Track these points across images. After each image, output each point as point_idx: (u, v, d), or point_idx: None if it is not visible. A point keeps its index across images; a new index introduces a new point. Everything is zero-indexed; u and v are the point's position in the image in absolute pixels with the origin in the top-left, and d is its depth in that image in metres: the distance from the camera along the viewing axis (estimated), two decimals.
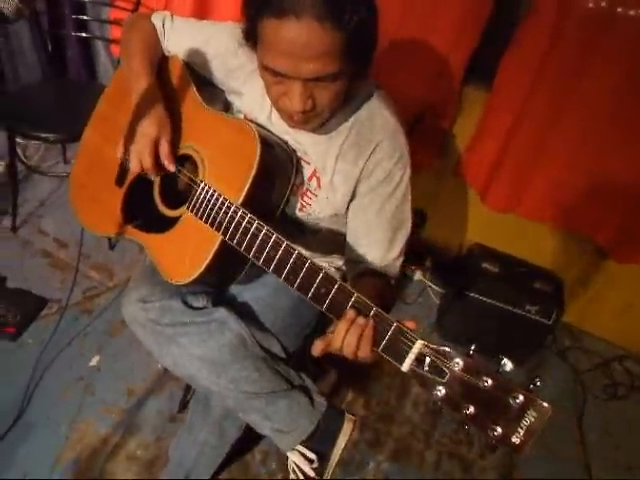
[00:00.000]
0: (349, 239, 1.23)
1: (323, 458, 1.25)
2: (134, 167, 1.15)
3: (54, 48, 2.43)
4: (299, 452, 1.25)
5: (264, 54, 0.98)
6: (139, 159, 1.14)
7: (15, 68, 2.81)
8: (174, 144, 1.19)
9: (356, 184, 1.17)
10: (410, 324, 0.87)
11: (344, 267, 1.39)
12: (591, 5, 1.67)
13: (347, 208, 1.22)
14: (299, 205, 1.24)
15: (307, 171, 1.20)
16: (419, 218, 2.31)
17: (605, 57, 1.72)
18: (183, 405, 1.79)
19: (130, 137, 1.15)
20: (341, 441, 1.26)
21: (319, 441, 1.26)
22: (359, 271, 1.21)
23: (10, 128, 2.10)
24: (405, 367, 0.85)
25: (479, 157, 2.07)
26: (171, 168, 1.16)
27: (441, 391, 0.82)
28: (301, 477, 1.26)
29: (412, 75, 1.93)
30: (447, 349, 0.83)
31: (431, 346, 0.83)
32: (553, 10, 1.68)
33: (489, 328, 2.11)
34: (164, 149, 1.14)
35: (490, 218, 2.27)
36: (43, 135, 2.02)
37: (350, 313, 0.88)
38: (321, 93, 1.00)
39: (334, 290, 0.92)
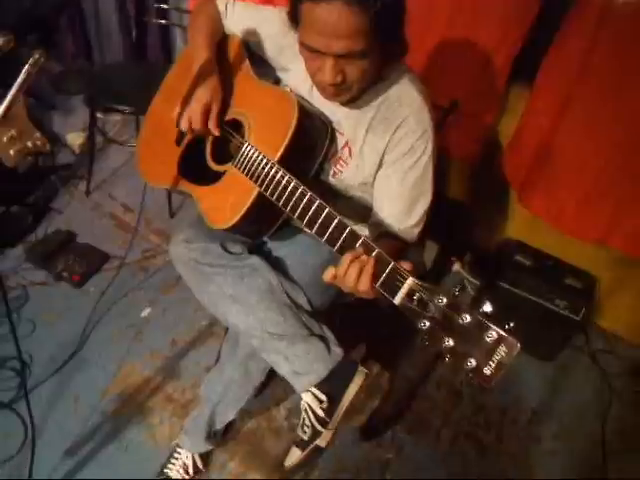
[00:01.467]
0: (374, 205, 1.36)
1: (333, 402, 1.37)
2: (183, 126, 1.34)
3: (137, 33, 2.66)
4: (312, 393, 1.38)
5: (302, 33, 1.14)
6: (190, 121, 1.32)
7: (102, 50, 3.09)
8: (225, 110, 1.37)
9: (383, 155, 1.30)
10: (406, 265, 0.98)
11: None
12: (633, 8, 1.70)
13: (374, 178, 1.35)
14: (332, 172, 1.38)
15: (341, 141, 1.35)
16: (462, 210, 2.39)
17: None
18: (220, 358, 1.95)
19: (186, 101, 1.33)
20: (352, 389, 1.37)
21: (331, 386, 1.37)
22: (379, 233, 1.33)
23: (91, 102, 2.35)
24: (397, 300, 0.96)
25: (518, 156, 2.11)
26: (215, 132, 1.34)
27: (425, 324, 0.93)
28: (311, 416, 1.38)
29: (457, 67, 2.02)
30: (434, 287, 0.94)
31: (420, 283, 0.95)
32: (594, 11, 1.71)
33: (519, 320, 2.16)
34: (213, 114, 1.33)
35: (531, 216, 2.33)
36: (119, 107, 2.24)
37: (356, 248, 1.02)
38: (351, 69, 1.14)
39: (345, 233, 1.05)
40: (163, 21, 2.69)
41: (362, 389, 1.40)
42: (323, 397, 1.37)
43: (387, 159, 1.30)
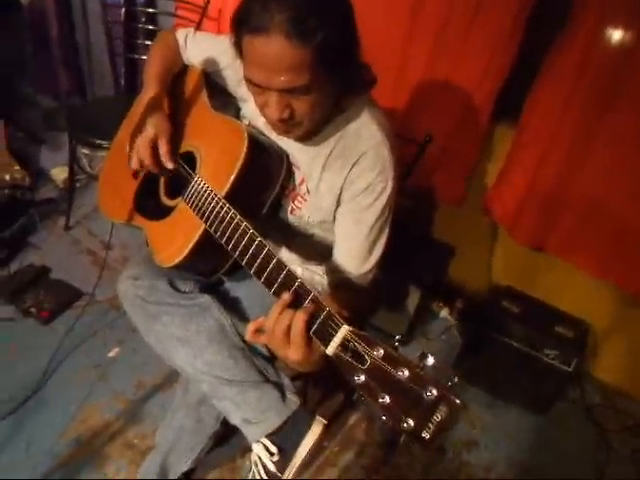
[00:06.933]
0: (334, 247, 1.28)
1: (286, 455, 1.27)
2: (133, 164, 1.28)
3: (127, 69, 2.67)
4: (263, 444, 1.28)
5: (245, 67, 1.08)
6: (138, 157, 1.27)
7: (95, 87, 3.11)
8: (176, 143, 1.31)
9: (340, 192, 1.23)
10: (343, 312, 0.90)
11: None
12: (615, 42, 1.68)
13: (334, 217, 1.27)
14: (290, 208, 1.30)
15: (298, 176, 1.28)
16: (447, 252, 2.31)
17: (632, 93, 1.70)
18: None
19: (135, 136, 1.28)
20: (308, 441, 1.26)
21: (285, 437, 1.27)
22: (335, 283, 1.27)
23: (71, 136, 2.32)
24: (330, 350, 0.87)
25: (507, 192, 2.04)
26: (169, 165, 1.27)
27: (360, 378, 0.83)
28: (261, 470, 1.28)
29: (439, 103, 1.97)
30: (370, 337, 0.85)
31: (356, 332, 0.85)
32: (576, 55, 1.69)
33: (507, 370, 2.05)
34: (162, 148, 1.26)
35: (521, 260, 2.24)
36: (100, 142, 2.19)
37: (285, 296, 0.93)
38: (298, 104, 1.08)
39: (283, 274, 0.97)
40: None
41: (320, 441, 1.29)
42: (274, 449, 1.27)
43: (344, 197, 1.23)
